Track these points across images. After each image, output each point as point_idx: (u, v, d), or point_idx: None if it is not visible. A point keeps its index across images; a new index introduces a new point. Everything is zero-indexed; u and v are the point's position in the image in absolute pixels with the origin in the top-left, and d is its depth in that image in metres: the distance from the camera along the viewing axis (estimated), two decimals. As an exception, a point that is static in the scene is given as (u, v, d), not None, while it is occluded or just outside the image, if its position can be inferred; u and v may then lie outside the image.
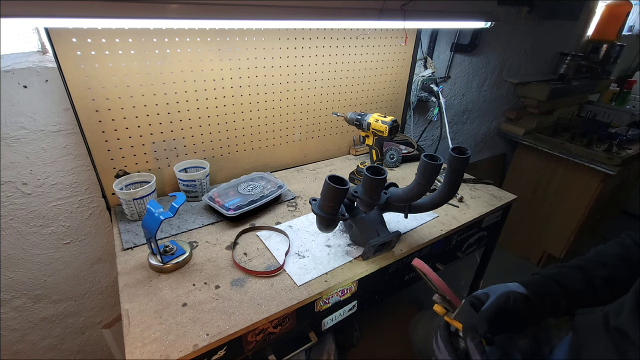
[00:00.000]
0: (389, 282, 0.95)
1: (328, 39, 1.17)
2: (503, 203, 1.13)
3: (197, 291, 0.72)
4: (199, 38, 0.94)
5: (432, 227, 0.97)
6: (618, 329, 0.45)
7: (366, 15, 0.99)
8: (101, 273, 1.14)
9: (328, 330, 0.86)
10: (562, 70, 2.14)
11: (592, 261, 0.62)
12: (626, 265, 0.60)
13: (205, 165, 1.05)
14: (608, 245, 0.65)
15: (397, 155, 1.34)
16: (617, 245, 0.63)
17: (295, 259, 0.82)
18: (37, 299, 1.05)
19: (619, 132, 1.96)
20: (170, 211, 0.71)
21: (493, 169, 2.40)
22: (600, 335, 0.49)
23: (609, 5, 2.17)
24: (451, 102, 1.85)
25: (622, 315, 0.46)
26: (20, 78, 0.81)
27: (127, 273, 0.76)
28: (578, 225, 1.96)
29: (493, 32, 1.71)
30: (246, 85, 1.09)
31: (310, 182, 1.21)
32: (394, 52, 1.37)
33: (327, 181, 0.70)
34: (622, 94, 2.57)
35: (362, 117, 1.09)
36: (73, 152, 0.94)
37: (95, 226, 1.06)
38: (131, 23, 0.75)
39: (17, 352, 1.09)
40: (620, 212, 2.72)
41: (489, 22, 1.25)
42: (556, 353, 0.58)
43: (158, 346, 0.60)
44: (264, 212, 1.01)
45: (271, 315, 0.67)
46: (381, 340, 1.40)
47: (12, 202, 0.91)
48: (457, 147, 0.73)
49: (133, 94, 0.91)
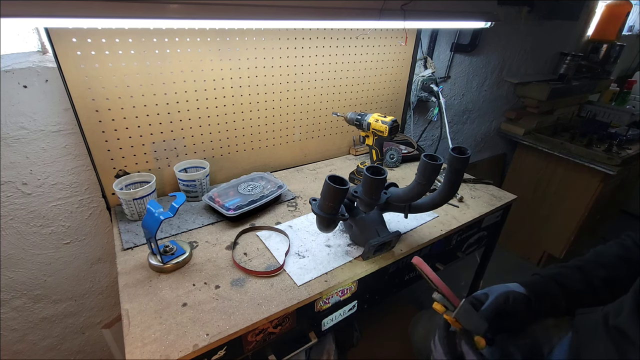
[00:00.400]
0: (389, 282, 0.95)
1: (328, 39, 1.17)
2: (503, 203, 1.13)
3: (197, 291, 0.72)
4: (199, 38, 0.94)
5: (432, 227, 0.97)
6: (618, 328, 0.45)
7: (366, 15, 0.99)
8: (101, 273, 1.14)
9: (328, 330, 0.86)
10: (562, 70, 2.14)
11: (592, 261, 0.62)
12: (626, 265, 0.60)
13: (205, 165, 1.05)
14: (608, 245, 0.65)
15: (397, 155, 1.34)
16: (616, 245, 0.64)
17: (295, 259, 0.82)
18: (37, 299, 1.05)
19: (619, 132, 1.96)
20: (170, 211, 0.71)
21: (493, 169, 2.40)
22: (600, 335, 0.49)
23: (609, 5, 2.17)
24: (451, 102, 1.85)
25: (621, 315, 0.46)
26: (20, 78, 0.81)
27: (127, 273, 0.76)
28: (578, 225, 1.96)
29: (493, 32, 1.71)
30: (246, 85, 1.09)
31: (310, 182, 1.21)
32: (394, 52, 1.37)
33: (327, 181, 0.70)
34: (622, 94, 2.57)
35: (362, 117, 1.09)
36: (73, 152, 0.94)
37: (95, 226, 1.06)
38: (131, 23, 0.75)
39: (17, 352, 1.09)
40: (620, 212, 2.72)
41: (489, 22, 1.25)
42: (556, 353, 0.58)
43: (158, 346, 0.60)
44: (264, 212, 1.01)
45: (271, 315, 0.67)
46: (381, 340, 1.40)
47: (12, 202, 0.91)
48: (457, 147, 0.73)
49: (133, 94, 0.91)
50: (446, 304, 0.57)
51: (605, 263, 0.61)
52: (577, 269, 0.62)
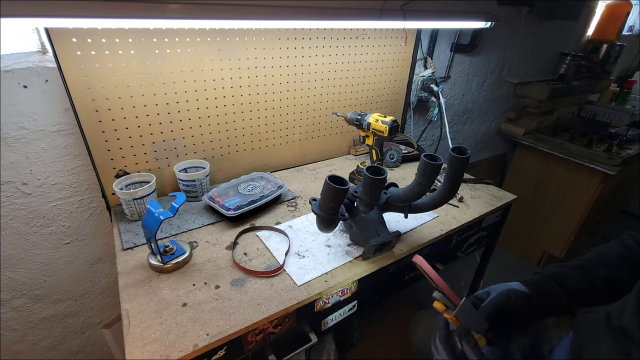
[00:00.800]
0: (389, 282, 0.95)
1: (328, 39, 1.17)
2: (503, 203, 1.13)
3: (197, 291, 0.72)
4: (199, 38, 0.94)
5: (432, 227, 0.97)
6: (621, 328, 0.45)
7: (366, 15, 0.99)
8: (101, 273, 1.14)
9: (328, 330, 0.86)
10: (562, 70, 2.14)
11: (593, 261, 0.62)
12: (628, 265, 0.59)
13: (205, 165, 1.05)
14: (609, 245, 0.64)
15: (397, 155, 1.34)
16: (618, 245, 0.63)
17: (295, 259, 0.82)
18: (37, 299, 1.05)
19: (619, 132, 1.96)
20: (170, 211, 0.71)
21: (493, 169, 2.40)
22: (602, 335, 0.49)
23: (609, 5, 2.17)
24: (451, 102, 1.85)
25: (625, 315, 0.46)
26: (20, 78, 0.81)
27: (127, 273, 0.76)
28: (578, 225, 1.96)
29: (493, 32, 1.71)
30: (246, 85, 1.09)
31: (310, 182, 1.21)
32: (394, 52, 1.37)
33: (327, 181, 0.70)
34: (622, 94, 2.57)
35: (362, 117, 1.09)
36: (73, 152, 0.94)
37: (95, 226, 1.06)
38: (131, 23, 0.75)
39: (17, 352, 1.09)
40: (620, 212, 2.72)
41: (489, 22, 1.25)
42: (556, 353, 0.58)
43: (158, 346, 0.60)
44: (264, 212, 1.01)
45: (271, 315, 0.67)
46: (381, 340, 1.40)
47: (12, 202, 0.91)
48: (457, 147, 0.73)
49: (133, 94, 0.91)
50: (446, 303, 0.57)
51: (606, 262, 0.61)
52: (578, 268, 0.62)
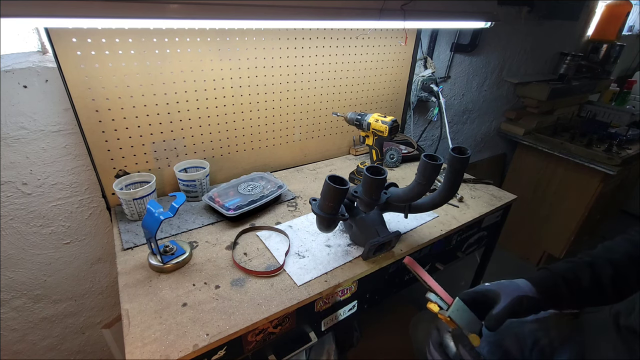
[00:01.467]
0: (389, 282, 0.95)
1: (328, 39, 1.17)
2: (503, 203, 1.13)
3: (197, 291, 0.72)
4: (199, 38, 0.94)
5: (432, 227, 0.97)
6: (629, 328, 0.45)
7: (366, 15, 0.99)
8: (101, 273, 1.14)
9: (328, 330, 0.86)
10: (562, 70, 2.14)
11: (601, 258, 0.60)
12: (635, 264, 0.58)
13: (205, 165, 1.05)
14: (616, 241, 0.62)
15: (397, 155, 1.34)
16: (625, 242, 0.60)
17: (295, 259, 0.82)
18: (37, 299, 1.05)
19: (619, 132, 1.96)
20: (170, 211, 0.71)
21: (493, 169, 2.40)
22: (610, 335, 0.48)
23: (609, 5, 2.17)
24: (451, 102, 1.85)
25: (633, 314, 0.45)
26: (20, 78, 0.81)
27: (127, 273, 0.76)
28: (578, 225, 1.96)
29: (493, 32, 1.71)
30: (246, 85, 1.09)
31: (310, 182, 1.21)
32: (394, 52, 1.37)
33: (327, 181, 0.70)
34: (622, 94, 2.57)
35: (362, 117, 1.09)
36: (73, 152, 0.94)
37: (95, 226, 1.06)
38: (131, 23, 0.75)
39: (17, 352, 1.09)
40: (620, 212, 2.72)
41: (489, 22, 1.25)
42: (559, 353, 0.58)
43: (158, 346, 0.60)
44: (264, 212, 1.01)
45: (271, 315, 0.67)
46: (381, 340, 1.40)
47: (12, 202, 0.91)
48: (457, 147, 0.73)
49: (133, 94, 0.91)
50: (440, 303, 0.57)
51: (614, 261, 0.59)
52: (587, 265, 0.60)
